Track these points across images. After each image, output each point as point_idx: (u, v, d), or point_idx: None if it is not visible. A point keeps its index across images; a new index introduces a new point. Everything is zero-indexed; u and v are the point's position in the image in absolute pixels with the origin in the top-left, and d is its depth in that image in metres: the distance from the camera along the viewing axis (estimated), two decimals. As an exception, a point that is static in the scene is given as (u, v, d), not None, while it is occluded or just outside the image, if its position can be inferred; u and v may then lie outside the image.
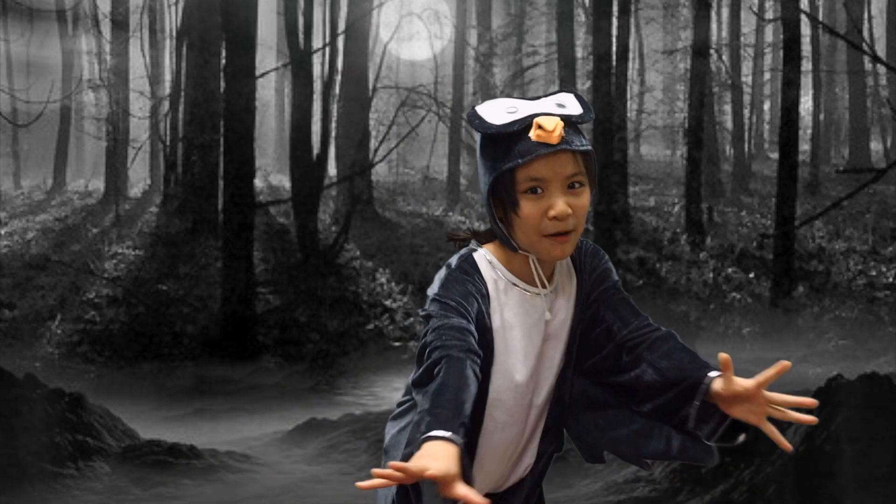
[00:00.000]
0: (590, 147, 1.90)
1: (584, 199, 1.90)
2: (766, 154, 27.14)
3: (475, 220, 20.05)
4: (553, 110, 1.89)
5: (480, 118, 1.91)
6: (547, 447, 2.17)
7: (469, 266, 2.03)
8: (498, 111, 1.91)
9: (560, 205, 1.87)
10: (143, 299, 15.48)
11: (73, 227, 19.32)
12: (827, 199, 19.71)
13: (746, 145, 24.07)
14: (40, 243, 18.26)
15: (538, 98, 1.94)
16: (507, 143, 1.89)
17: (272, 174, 25.83)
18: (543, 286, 2.02)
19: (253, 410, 11.21)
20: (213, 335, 14.43)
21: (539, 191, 1.89)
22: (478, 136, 1.96)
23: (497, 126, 1.89)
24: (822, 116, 24.07)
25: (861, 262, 17.82)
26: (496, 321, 1.99)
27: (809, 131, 23.27)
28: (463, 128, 22.31)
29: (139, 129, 24.08)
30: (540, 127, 1.86)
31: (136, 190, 23.00)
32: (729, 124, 24.73)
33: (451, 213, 20.55)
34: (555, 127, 1.85)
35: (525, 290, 2.02)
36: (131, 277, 16.32)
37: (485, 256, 2.05)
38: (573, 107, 1.92)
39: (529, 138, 1.87)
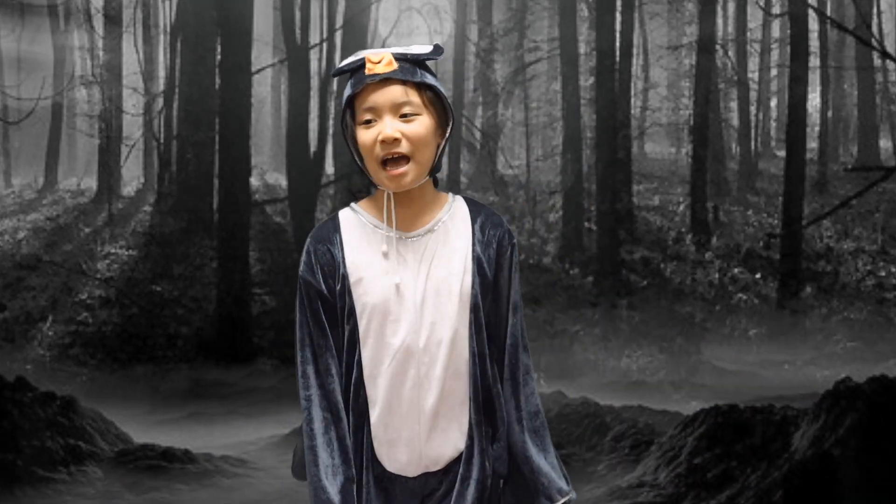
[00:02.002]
0: (424, 80, 2.05)
1: (417, 127, 2.04)
2: (772, 152, 27.13)
3: (476, 220, 20.07)
4: (384, 50, 2.07)
5: (336, 67, 2.14)
6: (470, 442, 2.16)
7: (324, 234, 2.15)
8: (350, 58, 2.11)
9: (386, 129, 2.02)
10: (136, 300, 15.48)
11: (64, 227, 19.32)
12: (835, 198, 19.70)
13: (753, 143, 24.06)
14: (31, 243, 18.26)
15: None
16: (348, 81, 2.10)
17: (268, 172, 25.80)
18: (400, 226, 2.12)
19: (249, 414, 11.21)
20: (208, 337, 14.42)
21: (373, 121, 2.05)
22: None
23: (339, 67, 2.10)
24: (830, 113, 24.06)
25: (870, 263, 17.81)
26: (355, 280, 2.10)
27: (817, 128, 23.24)
28: (463, 125, 22.31)
29: (132, 126, 24.07)
30: (370, 61, 2.04)
31: (129, 188, 22.99)
32: (735, 121, 24.72)
33: (451, 213, 20.55)
34: (380, 59, 2.03)
35: (377, 227, 2.12)
36: (124, 278, 16.31)
37: (351, 210, 2.18)
38: (418, 50, 2.07)
39: (363, 73, 2.05)
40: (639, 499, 6.53)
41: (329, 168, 20.38)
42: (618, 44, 18.18)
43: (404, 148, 2.04)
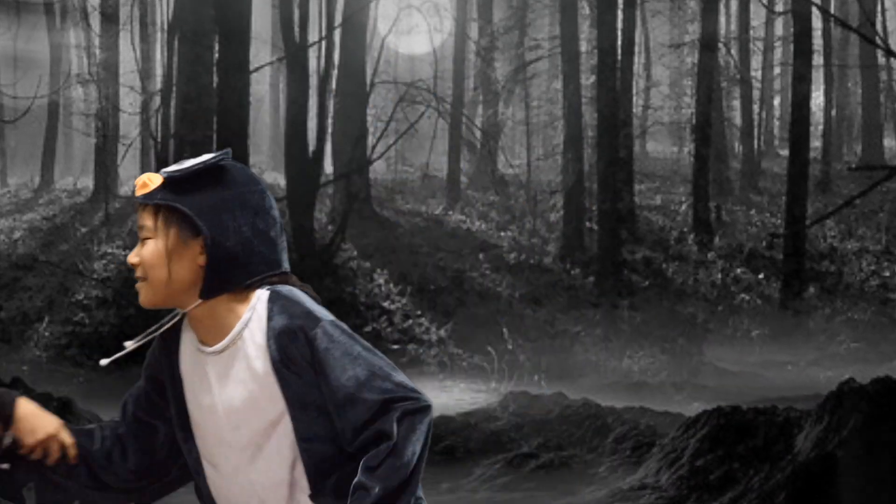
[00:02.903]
0: (158, 201, 2.00)
1: (145, 250, 2.00)
2: (775, 151, 27.14)
3: (476, 220, 20.07)
4: (169, 168, 2.04)
5: None
6: None
7: (155, 350, 2.22)
8: None
9: (129, 255, 2.04)
10: (133, 301, 15.46)
11: (61, 227, 19.33)
12: (839, 198, 19.72)
13: (756, 142, 24.07)
14: (27, 243, 18.27)
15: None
16: None
17: (267, 172, 25.82)
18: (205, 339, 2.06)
19: None
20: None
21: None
22: None
23: None
24: (833, 112, 24.08)
25: (874, 263, 17.82)
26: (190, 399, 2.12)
27: (821, 127, 23.27)
28: (463, 124, 22.32)
29: (129, 125, 24.09)
30: None
31: (126, 188, 22.99)
32: (738, 120, 24.74)
33: (451, 212, 20.56)
34: (138, 182, 2.03)
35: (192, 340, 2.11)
36: (121, 278, 16.31)
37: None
38: (181, 165, 2.04)
39: None
40: (640, 501, 6.54)
41: (328, 167, 20.40)
42: (619, 42, 18.19)
43: (139, 272, 2.03)
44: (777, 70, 27.95)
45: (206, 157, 2.05)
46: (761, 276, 17.46)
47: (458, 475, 7.67)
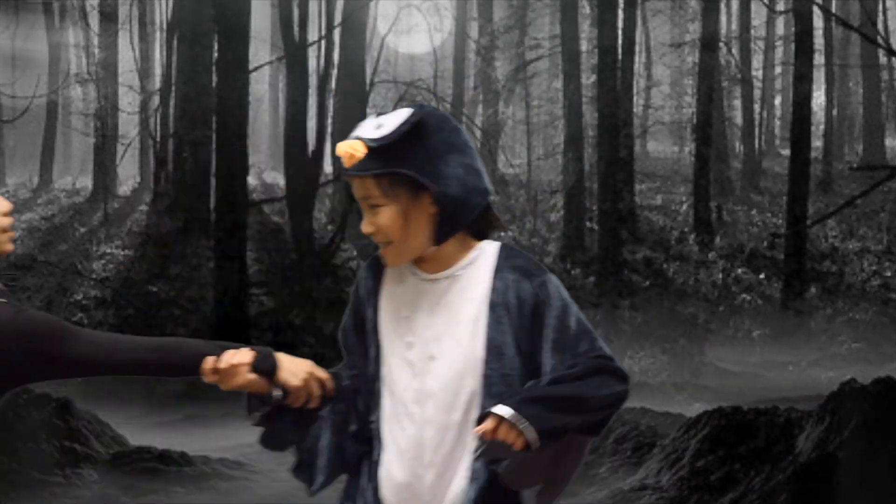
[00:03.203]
0: (380, 170, 2.08)
1: (382, 218, 2.12)
2: (777, 151, 27.14)
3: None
4: (363, 133, 2.11)
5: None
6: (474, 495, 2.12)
7: (364, 272, 2.32)
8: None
9: (363, 225, 2.15)
10: (132, 301, 15.49)
11: (59, 227, 19.32)
12: (840, 198, 19.71)
13: (757, 142, 24.07)
14: (26, 243, 18.26)
15: (380, 114, 2.19)
16: None
17: (266, 171, 25.82)
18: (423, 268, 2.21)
19: (246, 416, 11.19)
20: (206, 338, 14.42)
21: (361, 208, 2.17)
22: None
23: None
24: (835, 112, 24.08)
25: (875, 263, 17.82)
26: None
27: (822, 127, 23.26)
28: (463, 123, 22.29)
29: (128, 124, 24.07)
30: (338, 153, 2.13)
31: (125, 188, 22.99)
32: (739, 120, 24.73)
33: (451, 212, 20.54)
34: (343, 153, 2.10)
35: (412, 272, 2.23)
36: (120, 278, 16.32)
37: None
38: (379, 129, 2.11)
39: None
40: (641, 502, 6.54)
41: (328, 167, 20.39)
42: (620, 41, 18.19)
43: (381, 238, 2.14)
44: (778, 69, 27.95)
45: (402, 115, 2.14)
46: (762, 276, 17.45)
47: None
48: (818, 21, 20.14)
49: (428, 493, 2.16)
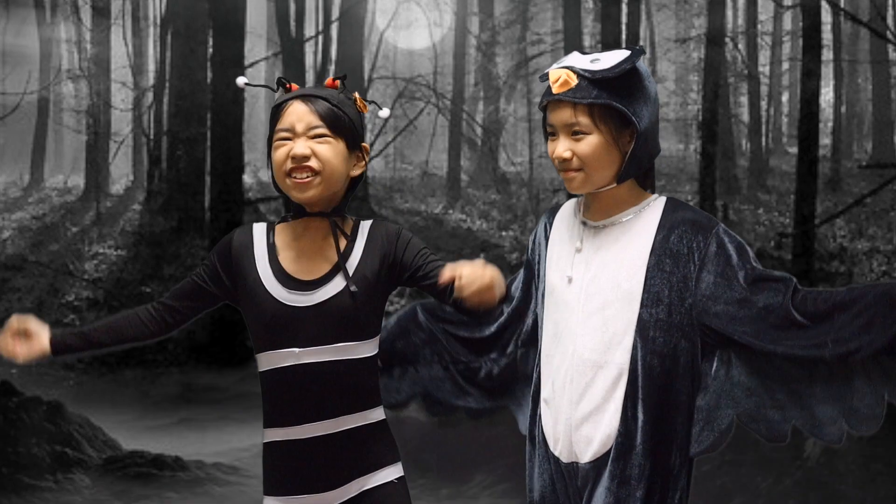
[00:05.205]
0: (596, 100, 2.24)
1: (583, 145, 2.27)
2: (784, 148, 27.16)
3: (476, 219, 20.06)
4: (576, 64, 2.27)
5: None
6: (622, 438, 2.23)
7: (544, 218, 2.54)
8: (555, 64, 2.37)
9: (559, 150, 2.29)
10: (125, 302, 15.49)
11: (51, 226, 19.32)
12: (849, 196, 19.72)
13: (764, 139, 24.08)
14: (17, 243, 18.27)
15: (596, 51, 2.47)
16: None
17: (262, 170, 25.83)
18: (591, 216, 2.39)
19: (242, 419, 11.20)
20: (200, 340, 14.44)
21: (552, 135, 2.33)
22: None
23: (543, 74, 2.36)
24: (843, 109, 24.08)
25: (885, 263, 17.82)
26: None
27: (830, 124, 23.27)
28: (464, 121, 22.31)
29: (121, 121, 24.08)
30: (549, 77, 2.30)
31: (117, 186, 23.00)
32: (745, 117, 24.74)
33: (451, 211, 20.56)
34: (556, 79, 2.26)
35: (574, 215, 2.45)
36: (113, 279, 16.32)
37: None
38: (595, 63, 2.26)
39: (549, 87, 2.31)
40: (645, 507, 6.53)
41: (325, 165, 20.35)
42: (624, 36, 18.17)
43: (574, 164, 2.28)
44: (786, 65, 27.96)
45: (620, 54, 2.29)
46: (769, 276, 17.44)
47: (458, 481, 7.67)
48: (826, 16, 20.13)
49: (581, 429, 2.27)
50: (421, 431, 7.72)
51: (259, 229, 2.46)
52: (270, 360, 2.34)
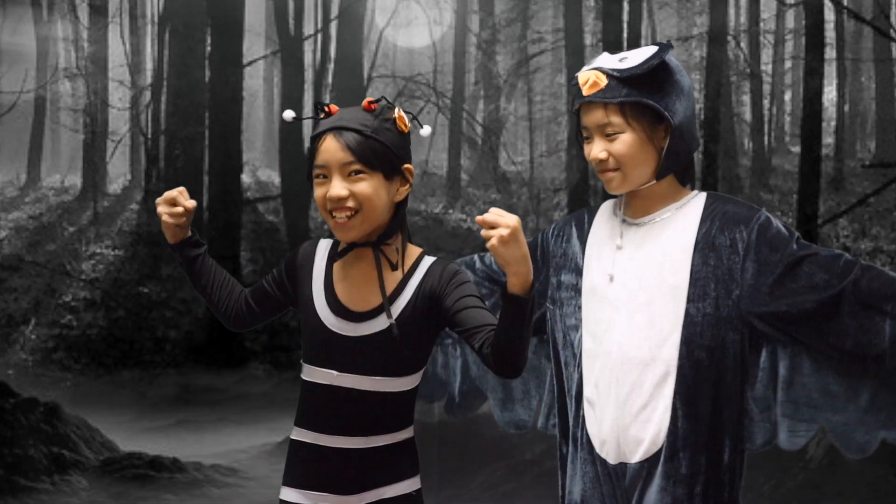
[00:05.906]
0: (626, 99, 2.24)
1: (618, 145, 2.28)
2: (787, 148, 27.14)
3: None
4: (604, 64, 2.28)
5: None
6: (672, 438, 2.22)
7: (584, 214, 2.55)
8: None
9: (594, 151, 2.31)
10: (122, 302, 15.48)
11: (48, 226, 19.32)
12: (852, 196, 19.71)
13: (766, 138, 24.07)
14: (13, 243, 18.26)
15: (598, 50, 2.37)
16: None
17: (260, 169, 25.82)
18: (631, 213, 2.40)
19: (240, 421, 11.21)
20: (198, 341, 14.43)
21: (587, 138, 2.37)
22: None
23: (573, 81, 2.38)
24: (846, 107, 24.07)
25: (888, 263, 17.80)
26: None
27: (833, 123, 23.26)
28: (464, 120, 22.31)
29: (119, 120, 24.07)
30: (578, 80, 2.32)
31: (115, 186, 22.99)
32: (747, 116, 24.73)
33: (451, 211, 20.56)
34: (585, 80, 2.28)
35: (614, 213, 2.46)
36: (110, 279, 16.31)
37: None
38: (623, 61, 2.27)
39: (578, 89, 2.33)
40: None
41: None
42: (625, 35, 18.16)
43: (611, 164, 2.30)
44: (788, 64, 27.94)
45: (648, 50, 2.29)
46: (772, 276, 17.45)
47: (459, 482, 7.67)
48: (829, 14, 20.13)
49: (631, 429, 2.27)
50: (422, 432, 7.71)
51: (323, 246, 2.49)
52: (311, 373, 2.38)
